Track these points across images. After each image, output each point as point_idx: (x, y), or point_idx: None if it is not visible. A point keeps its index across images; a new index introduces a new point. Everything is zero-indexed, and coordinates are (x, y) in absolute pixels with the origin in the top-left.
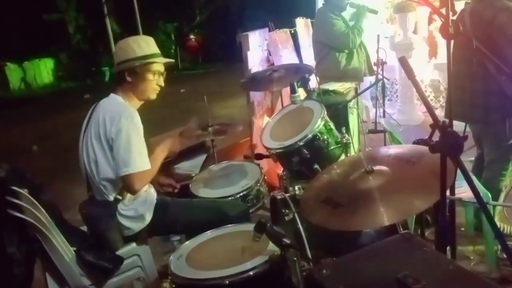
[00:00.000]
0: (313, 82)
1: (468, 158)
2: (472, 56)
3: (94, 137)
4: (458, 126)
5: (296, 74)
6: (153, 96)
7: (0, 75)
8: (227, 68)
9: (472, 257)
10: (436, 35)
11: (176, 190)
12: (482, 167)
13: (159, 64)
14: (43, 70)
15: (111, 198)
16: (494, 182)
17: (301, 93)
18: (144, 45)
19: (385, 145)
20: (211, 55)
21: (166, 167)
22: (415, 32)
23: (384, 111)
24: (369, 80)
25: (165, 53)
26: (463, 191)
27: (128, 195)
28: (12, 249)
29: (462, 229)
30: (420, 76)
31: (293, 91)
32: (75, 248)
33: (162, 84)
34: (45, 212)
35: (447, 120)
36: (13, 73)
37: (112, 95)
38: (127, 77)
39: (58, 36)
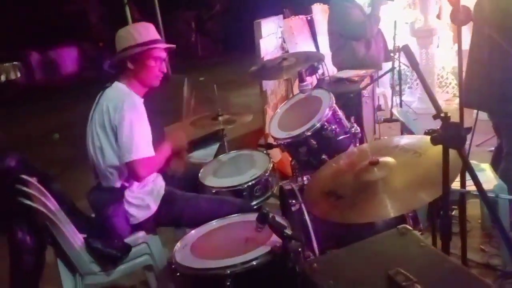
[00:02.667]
0: (324, 70)
1: (488, 148)
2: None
3: (98, 125)
4: (480, 115)
5: (305, 62)
6: (156, 83)
7: (25, 64)
8: (246, 56)
9: (487, 250)
10: None
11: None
12: (501, 158)
13: (161, 50)
14: (67, 59)
15: (118, 184)
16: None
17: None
18: (144, 31)
19: (401, 134)
20: (231, 43)
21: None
22: (438, 17)
23: (401, 101)
24: (388, 67)
25: (184, 41)
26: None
27: (136, 183)
28: (23, 236)
29: (479, 221)
30: (442, 63)
31: (301, 80)
32: (85, 235)
33: (165, 70)
34: (54, 201)
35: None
36: (37, 62)
37: (116, 83)
38: (128, 64)
39: (81, 26)
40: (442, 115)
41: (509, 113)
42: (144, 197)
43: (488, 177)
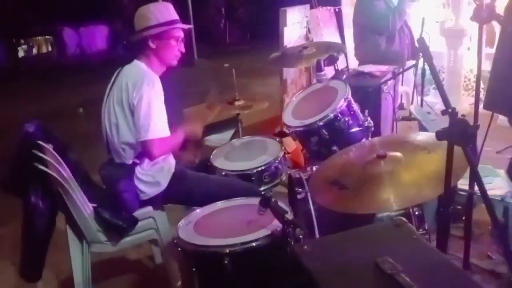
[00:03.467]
0: (343, 62)
1: (510, 155)
2: None
3: (116, 102)
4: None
5: (326, 52)
6: (174, 62)
7: (58, 39)
8: (272, 45)
9: (494, 257)
10: (495, 23)
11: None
12: None
13: (179, 30)
14: (98, 37)
15: (130, 161)
16: None
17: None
18: (165, 11)
19: None
20: (259, 31)
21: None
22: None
23: (422, 99)
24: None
25: (213, 26)
26: (491, 187)
27: (146, 160)
28: (36, 200)
29: (489, 227)
30: (470, 65)
31: (318, 69)
32: (95, 205)
33: (183, 50)
34: (68, 169)
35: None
36: (70, 38)
37: (135, 62)
38: (150, 43)
39: (113, 4)
40: (450, 110)
41: None
42: (154, 174)
43: (502, 183)
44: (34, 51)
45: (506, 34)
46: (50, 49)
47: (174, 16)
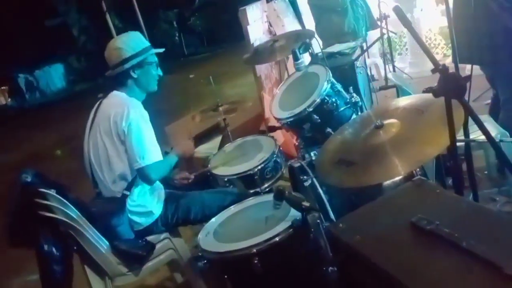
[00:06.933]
0: (316, 46)
1: (485, 101)
2: None
3: (104, 134)
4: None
5: (296, 41)
6: (155, 87)
7: (14, 86)
8: (233, 47)
9: (497, 199)
10: None
11: (190, 181)
12: (498, 107)
13: (154, 55)
14: (55, 76)
15: (119, 194)
16: (511, 120)
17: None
18: (138, 40)
19: None
20: (215, 36)
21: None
22: None
23: (393, 66)
24: (375, 36)
25: (169, 41)
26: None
27: (136, 191)
28: (48, 248)
29: (485, 172)
30: (428, 25)
31: (296, 58)
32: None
33: (161, 73)
34: (75, 209)
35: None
36: (26, 83)
37: (114, 93)
38: (132, 73)
39: (64, 41)
40: (440, 67)
41: (501, 61)
42: (146, 204)
43: (490, 127)
44: None
45: None
46: (9, 100)
47: (147, 42)
